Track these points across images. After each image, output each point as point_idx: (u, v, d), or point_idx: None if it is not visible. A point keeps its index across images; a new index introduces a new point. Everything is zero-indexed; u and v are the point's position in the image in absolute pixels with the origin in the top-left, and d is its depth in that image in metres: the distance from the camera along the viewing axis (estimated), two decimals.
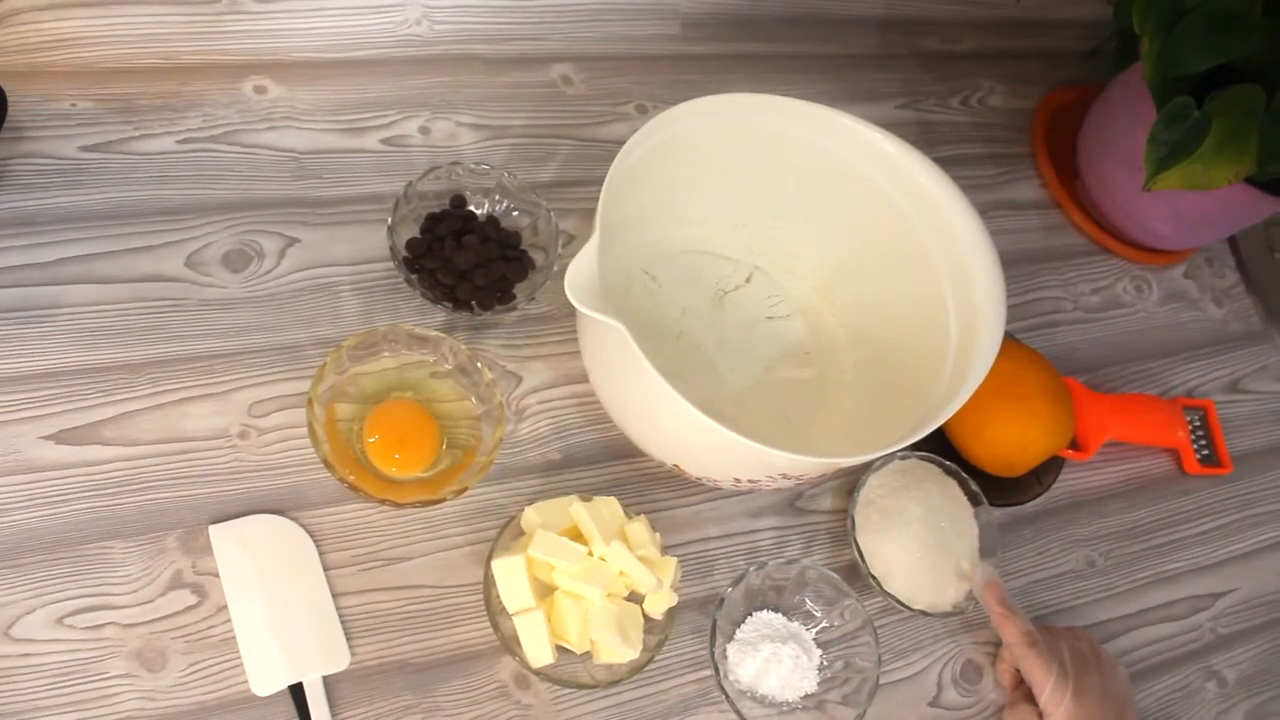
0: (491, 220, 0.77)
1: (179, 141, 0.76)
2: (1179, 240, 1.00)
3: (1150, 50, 0.80)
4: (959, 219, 0.72)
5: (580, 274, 0.60)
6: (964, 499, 0.78)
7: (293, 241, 0.75)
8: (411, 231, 0.76)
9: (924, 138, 0.98)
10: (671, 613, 0.68)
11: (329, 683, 0.64)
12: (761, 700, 0.71)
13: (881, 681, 0.72)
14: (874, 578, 0.74)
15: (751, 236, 0.83)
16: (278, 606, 0.65)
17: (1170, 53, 0.80)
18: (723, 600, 0.70)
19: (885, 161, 0.74)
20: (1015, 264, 0.95)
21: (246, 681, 0.63)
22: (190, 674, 0.62)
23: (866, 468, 0.77)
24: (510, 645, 0.65)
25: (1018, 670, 0.74)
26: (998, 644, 0.79)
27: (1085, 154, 0.99)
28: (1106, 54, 1.00)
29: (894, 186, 0.75)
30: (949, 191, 0.73)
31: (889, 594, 0.74)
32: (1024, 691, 0.74)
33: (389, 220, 0.73)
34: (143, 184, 0.74)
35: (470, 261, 0.74)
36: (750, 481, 0.68)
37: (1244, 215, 0.94)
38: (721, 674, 0.69)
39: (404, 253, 0.74)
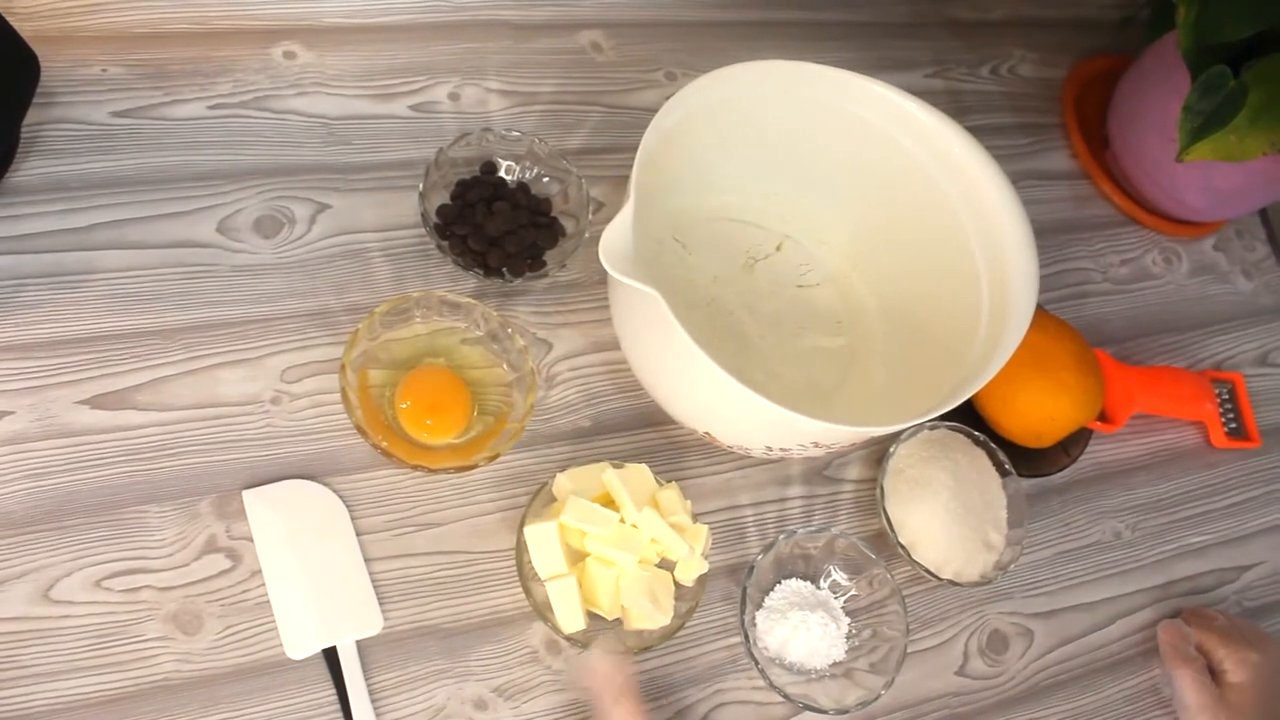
0: (522, 187, 0.77)
1: (210, 107, 0.76)
2: (1210, 212, 0.99)
3: (1187, 18, 0.79)
4: (992, 189, 0.72)
5: (615, 241, 0.60)
6: (992, 469, 0.78)
7: (324, 208, 0.75)
8: (442, 198, 0.75)
9: (953, 107, 0.98)
10: (702, 580, 0.68)
11: (362, 647, 0.64)
12: (790, 667, 0.71)
13: (909, 650, 0.72)
14: (902, 546, 0.74)
15: (782, 205, 0.82)
16: (311, 571, 0.65)
17: (1207, 20, 0.79)
18: (752, 568, 0.70)
19: (918, 131, 0.74)
20: (1044, 234, 0.94)
21: (281, 645, 0.63)
22: (225, 637, 0.63)
23: (896, 437, 0.77)
24: (542, 611, 0.65)
25: None
26: (1027, 614, 0.79)
27: (1116, 124, 0.98)
28: (1139, 22, 0.98)
29: (927, 156, 0.74)
30: (982, 162, 0.72)
31: (917, 563, 0.74)
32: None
33: (420, 186, 0.73)
34: (174, 149, 0.74)
35: (501, 228, 0.74)
36: (781, 450, 0.68)
37: (1277, 187, 0.93)
38: (751, 641, 0.69)
39: (435, 219, 0.74)
